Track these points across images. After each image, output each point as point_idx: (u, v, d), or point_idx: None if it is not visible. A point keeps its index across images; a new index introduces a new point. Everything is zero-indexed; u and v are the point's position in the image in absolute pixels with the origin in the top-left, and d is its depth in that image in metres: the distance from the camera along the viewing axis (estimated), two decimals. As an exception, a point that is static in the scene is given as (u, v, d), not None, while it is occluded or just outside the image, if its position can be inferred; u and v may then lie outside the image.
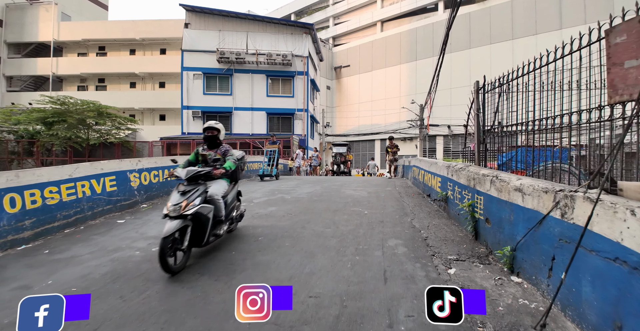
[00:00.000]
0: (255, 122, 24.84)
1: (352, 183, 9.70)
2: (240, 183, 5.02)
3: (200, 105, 24.50)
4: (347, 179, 11.74)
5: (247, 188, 8.32)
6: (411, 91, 40.16)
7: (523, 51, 31.47)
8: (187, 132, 24.40)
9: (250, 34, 24.85)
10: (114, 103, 28.15)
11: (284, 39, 25.01)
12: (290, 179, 11.09)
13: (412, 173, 8.76)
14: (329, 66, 48.85)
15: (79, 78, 30.59)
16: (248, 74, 24.84)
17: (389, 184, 9.29)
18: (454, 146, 37.30)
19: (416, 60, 40.52)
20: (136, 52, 30.01)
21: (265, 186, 9.26)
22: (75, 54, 30.84)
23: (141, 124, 29.74)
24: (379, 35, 44.67)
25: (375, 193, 7.56)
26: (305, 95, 24.95)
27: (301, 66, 25.03)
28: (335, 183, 9.64)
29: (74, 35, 29.48)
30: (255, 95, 24.87)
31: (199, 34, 24.79)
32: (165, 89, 29.65)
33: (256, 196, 7.54)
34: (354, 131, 43.83)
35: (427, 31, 39.69)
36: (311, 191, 8.01)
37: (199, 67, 24.59)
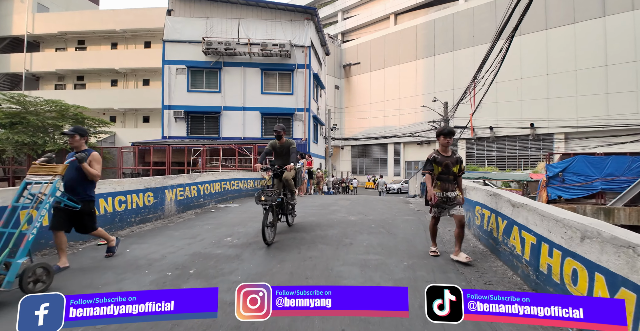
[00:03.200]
0: (248, 124, 21.05)
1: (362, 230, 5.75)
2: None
3: (183, 104, 20.84)
4: (348, 205, 7.77)
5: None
6: (428, 89, 35.94)
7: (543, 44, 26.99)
8: (168, 135, 20.76)
9: (243, 21, 21.15)
10: (91, 103, 24.80)
11: (282, 26, 21.23)
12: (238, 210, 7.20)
13: (479, 220, 4.72)
14: (338, 63, 44.99)
15: (57, 76, 27.36)
16: (239, 68, 21.12)
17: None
18: (478, 151, 32.96)
19: (434, 55, 36.32)
20: (118, 46, 26.66)
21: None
22: (53, 49, 27.66)
23: (122, 126, 26.36)
24: (392, 29, 40.63)
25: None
26: (306, 92, 21.08)
27: (302, 57, 21.18)
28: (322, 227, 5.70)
29: (49, 27, 26.30)
30: (248, 92, 21.11)
31: (183, 22, 21.21)
32: (149, 86, 26.16)
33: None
34: (365, 134, 39.84)
35: (447, 23, 35.49)
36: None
37: (183, 60, 20.97)
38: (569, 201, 14.81)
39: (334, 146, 42.56)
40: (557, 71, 28.25)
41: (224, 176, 8.35)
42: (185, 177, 6.95)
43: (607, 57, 26.50)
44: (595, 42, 26.79)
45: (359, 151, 43.32)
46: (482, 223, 4.27)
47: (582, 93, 27.10)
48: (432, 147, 36.61)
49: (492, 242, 3.92)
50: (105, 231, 4.02)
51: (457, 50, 34.62)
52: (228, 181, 8.57)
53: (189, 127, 21.07)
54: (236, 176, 9.05)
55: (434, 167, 3.78)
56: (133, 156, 18.41)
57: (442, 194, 3.71)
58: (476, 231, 4.52)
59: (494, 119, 29.79)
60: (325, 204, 8.04)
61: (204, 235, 4.92)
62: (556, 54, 28.24)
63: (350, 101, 44.43)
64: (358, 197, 10.55)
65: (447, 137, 3.83)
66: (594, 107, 26.17)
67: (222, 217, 6.35)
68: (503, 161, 31.68)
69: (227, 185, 8.48)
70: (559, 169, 15.17)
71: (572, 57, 27.68)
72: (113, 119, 26.58)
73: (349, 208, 7.28)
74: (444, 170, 3.75)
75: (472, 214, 4.76)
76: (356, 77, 43.91)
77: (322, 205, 7.72)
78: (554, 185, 15.33)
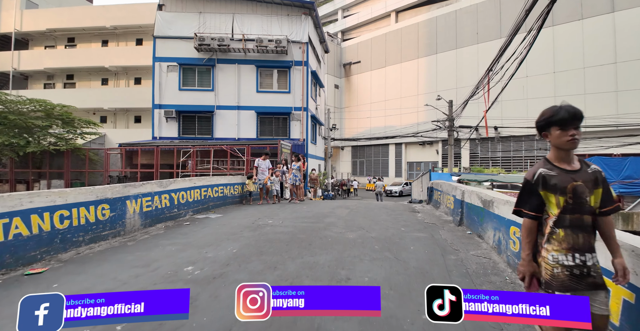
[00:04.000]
0: (243, 124, 20.01)
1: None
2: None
3: (175, 103, 19.80)
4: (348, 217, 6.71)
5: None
6: (431, 88, 34.87)
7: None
8: (159, 136, 19.73)
9: (237, 16, 20.13)
10: (81, 103, 23.86)
11: (278, 21, 20.20)
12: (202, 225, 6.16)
13: (518, 246, 3.67)
14: (338, 62, 43.93)
15: (46, 75, 26.37)
16: (234, 65, 20.08)
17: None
18: (482, 151, 31.84)
19: (436, 53, 35.25)
20: (109, 43, 25.65)
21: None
22: (42, 47, 26.68)
23: (113, 127, 25.35)
24: (394, 26, 39.58)
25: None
26: (304, 90, 20.03)
27: (299, 54, 20.14)
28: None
29: (37, 25, 25.32)
30: (243, 91, 20.07)
31: (175, 17, 20.19)
32: (141, 85, 25.12)
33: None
34: (365, 135, 38.75)
35: (449, 20, 34.42)
36: None
37: (174, 57, 19.95)
38: (584, 205, 13.70)
39: (334, 146, 41.49)
40: (564, 69, 27.24)
41: (204, 182, 7.29)
42: (154, 184, 5.89)
43: (616, 54, 25.46)
44: (604, 39, 25.74)
45: (359, 151, 42.25)
46: (520, 249, 3.22)
47: (591, 91, 26.05)
48: (435, 148, 35.57)
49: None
50: (41, 254, 2.97)
51: (460, 48, 33.57)
52: (210, 188, 7.51)
53: (181, 128, 20.04)
54: (220, 182, 7.99)
55: (544, 199, 1.73)
56: (120, 158, 17.36)
57: (573, 261, 1.65)
58: (511, 258, 3.46)
59: (499, 118, 28.71)
60: (321, 214, 6.98)
61: (162, 262, 3.87)
62: (563, 52, 27.19)
63: (350, 100, 43.39)
64: (358, 204, 9.48)
65: (569, 128, 1.69)
66: (603, 106, 25.13)
67: (194, 233, 5.29)
68: (508, 161, 30.60)
69: (208, 192, 7.42)
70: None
71: (580, 55, 26.64)
72: (104, 119, 25.59)
73: (348, 220, 6.22)
74: (573, 203, 1.68)
75: (504, 236, 3.70)
76: (356, 77, 42.87)
77: (316, 216, 6.66)
78: (567, 188, 14.21)
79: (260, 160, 9.19)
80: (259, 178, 9.14)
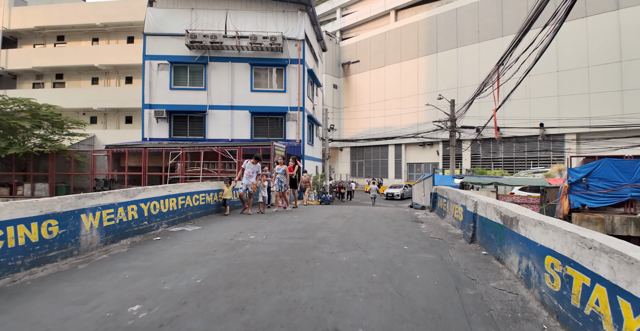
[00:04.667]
0: (237, 124, 19.23)
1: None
2: None
3: (165, 103, 19.04)
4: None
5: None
6: (431, 87, 34.11)
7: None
8: (149, 137, 18.95)
9: (231, 12, 19.36)
10: (70, 103, 23.11)
11: (274, 17, 19.44)
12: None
13: (555, 282, 2.95)
14: (336, 62, 43.17)
15: (35, 74, 25.56)
16: (227, 63, 19.32)
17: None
18: (484, 152, 31.06)
19: (437, 52, 34.49)
20: (100, 42, 24.86)
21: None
22: (31, 46, 25.88)
23: (103, 128, 24.55)
24: (393, 25, 38.82)
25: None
26: (300, 89, 19.26)
27: (295, 51, 19.38)
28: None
29: (26, 22, 24.54)
30: (236, 90, 19.30)
31: (166, 13, 19.43)
32: (132, 85, 24.34)
33: None
34: (364, 135, 37.97)
35: (450, 18, 33.67)
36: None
37: (165, 55, 19.20)
38: (593, 210, 13.02)
39: (333, 147, 40.71)
40: (568, 68, 26.50)
41: (182, 190, 6.49)
42: (118, 194, 5.10)
43: (621, 52, 24.73)
44: (609, 37, 25.02)
45: (358, 152, 41.48)
46: (563, 289, 2.44)
47: (595, 90, 25.32)
48: (435, 148, 34.77)
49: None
50: None
51: (460, 46, 32.83)
52: (189, 195, 6.71)
53: (172, 128, 19.26)
54: (202, 188, 7.19)
55: None
56: (107, 160, 16.56)
57: None
58: (548, 298, 2.68)
59: (501, 118, 27.89)
60: (312, 226, 6.19)
61: (106, 296, 3.09)
62: (567, 50, 26.45)
63: (349, 100, 42.63)
64: (355, 211, 8.67)
65: None
66: (608, 106, 24.40)
67: (160, 253, 4.50)
68: (510, 163, 29.84)
69: (187, 201, 6.62)
70: (582, 174, 13.35)
71: (584, 53, 25.91)
72: (94, 120, 24.80)
73: (342, 234, 5.42)
74: None
75: (535, 265, 2.92)
76: (355, 76, 42.11)
77: (307, 229, 5.86)
78: (576, 192, 13.49)
79: (250, 162, 8.08)
80: (242, 183, 7.96)
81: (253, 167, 8.03)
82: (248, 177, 7.96)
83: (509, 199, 17.02)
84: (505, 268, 3.58)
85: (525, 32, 7.13)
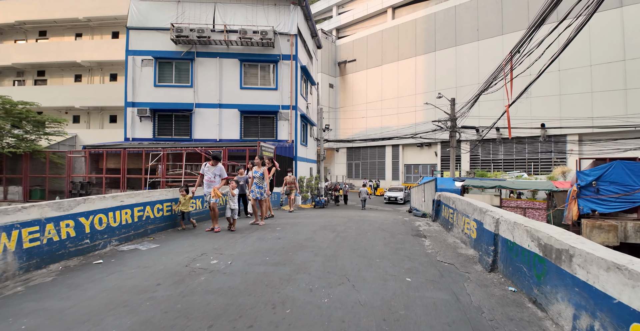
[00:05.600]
0: (225, 124, 18.16)
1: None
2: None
3: (149, 101, 17.94)
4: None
5: None
6: (429, 87, 33.18)
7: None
8: (132, 137, 17.84)
9: (219, 5, 18.31)
10: (52, 101, 21.94)
11: (265, 11, 18.40)
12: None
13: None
14: (332, 61, 42.16)
15: (15, 71, 24.36)
16: (215, 59, 18.25)
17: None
18: (483, 153, 30.15)
19: (435, 51, 33.57)
20: (83, 37, 23.71)
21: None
22: (12, 41, 24.68)
23: (86, 127, 23.39)
24: (390, 23, 37.87)
25: None
26: (293, 86, 18.23)
27: (287, 47, 18.35)
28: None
29: (6, 16, 23.35)
30: (225, 87, 18.23)
31: (151, 6, 18.35)
32: (117, 82, 23.21)
33: None
34: (361, 136, 36.98)
35: (449, 16, 32.78)
36: None
37: (150, 50, 18.10)
38: (604, 215, 12.10)
39: (328, 148, 39.68)
40: (570, 67, 25.64)
41: (139, 199, 5.42)
42: (47, 208, 4.03)
43: (625, 50, 23.92)
44: (612, 35, 24.21)
45: (354, 153, 40.47)
46: None
47: (598, 89, 24.48)
48: (434, 149, 33.82)
49: None
50: None
51: (459, 45, 31.92)
52: (149, 206, 5.65)
53: (156, 128, 18.15)
54: (165, 197, 6.11)
55: None
56: (84, 161, 15.44)
57: None
58: None
59: (501, 118, 27.00)
60: (294, 244, 5.13)
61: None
62: (568, 49, 25.54)
63: (345, 100, 41.62)
64: (348, 221, 7.63)
65: None
66: (611, 105, 23.56)
67: (89, 286, 3.44)
68: (510, 164, 28.94)
69: (146, 212, 5.56)
70: (592, 178, 12.42)
71: (587, 51, 25.07)
72: (76, 119, 23.64)
73: (328, 257, 4.38)
74: None
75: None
76: (352, 75, 41.12)
77: (286, 248, 4.81)
78: (586, 196, 12.56)
79: (209, 165, 6.38)
80: (205, 192, 6.31)
81: (214, 170, 6.31)
82: (209, 183, 6.31)
83: (513, 203, 16.08)
84: (548, 319, 2.56)
85: (551, 10, 6.14)
